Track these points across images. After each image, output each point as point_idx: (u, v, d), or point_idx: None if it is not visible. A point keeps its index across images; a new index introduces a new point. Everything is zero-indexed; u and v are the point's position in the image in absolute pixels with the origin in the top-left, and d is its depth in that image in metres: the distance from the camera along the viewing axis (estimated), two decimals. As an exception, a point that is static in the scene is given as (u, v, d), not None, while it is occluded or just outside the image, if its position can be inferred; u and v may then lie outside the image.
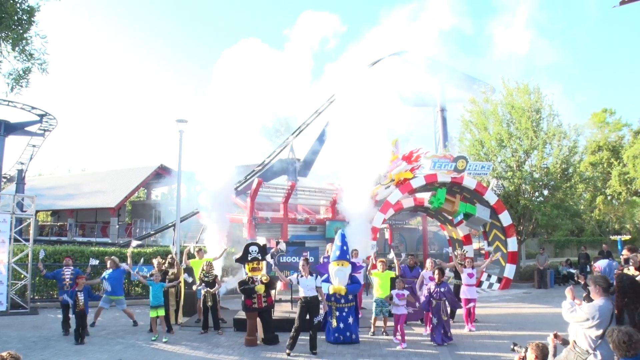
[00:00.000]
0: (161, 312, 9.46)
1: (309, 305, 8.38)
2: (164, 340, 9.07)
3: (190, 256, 12.09)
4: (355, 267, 9.45)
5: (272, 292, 8.95)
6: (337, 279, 8.95)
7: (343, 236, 9.51)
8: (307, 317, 8.37)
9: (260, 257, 9.17)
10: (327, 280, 9.23)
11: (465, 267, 10.73)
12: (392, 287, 9.52)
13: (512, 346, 4.57)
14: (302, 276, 8.56)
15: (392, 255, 12.58)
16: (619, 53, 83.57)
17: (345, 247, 9.28)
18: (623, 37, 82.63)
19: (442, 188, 16.91)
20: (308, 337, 8.31)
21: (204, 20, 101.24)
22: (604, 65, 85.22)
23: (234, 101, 13.72)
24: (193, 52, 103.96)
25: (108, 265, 10.69)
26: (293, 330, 8.26)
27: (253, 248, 9.22)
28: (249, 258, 9.10)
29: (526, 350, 4.17)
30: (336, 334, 8.94)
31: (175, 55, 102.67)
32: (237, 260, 9.66)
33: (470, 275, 10.53)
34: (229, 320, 10.57)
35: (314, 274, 8.69)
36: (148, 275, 10.46)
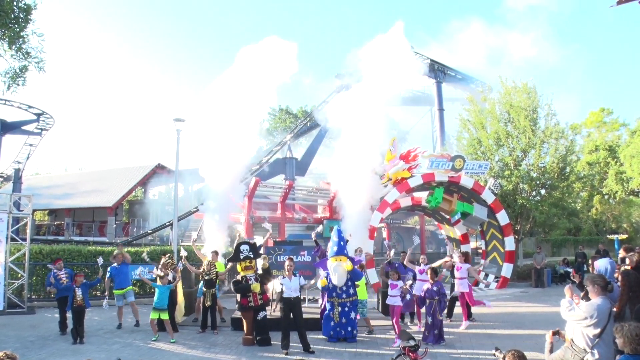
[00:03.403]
0: (164, 316, 9.19)
1: (292, 305, 8.45)
2: (171, 340, 8.98)
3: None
4: (353, 262, 9.47)
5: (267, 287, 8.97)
6: (337, 275, 8.97)
7: (339, 232, 9.55)
8: (291, 316, 8.44)
9: (252, 256, 9.10)
10: (327, 277, 9.24)
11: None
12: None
13: (493, 351, 4.53)
14: (284, 277, 8.65)
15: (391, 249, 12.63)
16: (617, 52, 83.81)
17: (342, 243, 9.29)
18: (621, 36, 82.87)
19: (440, 187, 16.91)
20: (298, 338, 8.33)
21: (204, 20, 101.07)
22: (603, 65, 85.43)
23: (233, 100, 13.65)
24: (193, 53, 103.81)
25: (115, 261, 10.63)
26: (282, 331, 8.33)
27: (244, 247, 9.13)
28: (241, 257, 9.03)
29: (504, 358, 4.04)
30: (337, 328, 8.98)
31: (175, 55, 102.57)
32: (229, 260, 9.64)
33: (458, 269, 10.64)
34: (228, 320, 10.56)
35: (297, 275, 8.73)
36: (154, 276, 10.29)
